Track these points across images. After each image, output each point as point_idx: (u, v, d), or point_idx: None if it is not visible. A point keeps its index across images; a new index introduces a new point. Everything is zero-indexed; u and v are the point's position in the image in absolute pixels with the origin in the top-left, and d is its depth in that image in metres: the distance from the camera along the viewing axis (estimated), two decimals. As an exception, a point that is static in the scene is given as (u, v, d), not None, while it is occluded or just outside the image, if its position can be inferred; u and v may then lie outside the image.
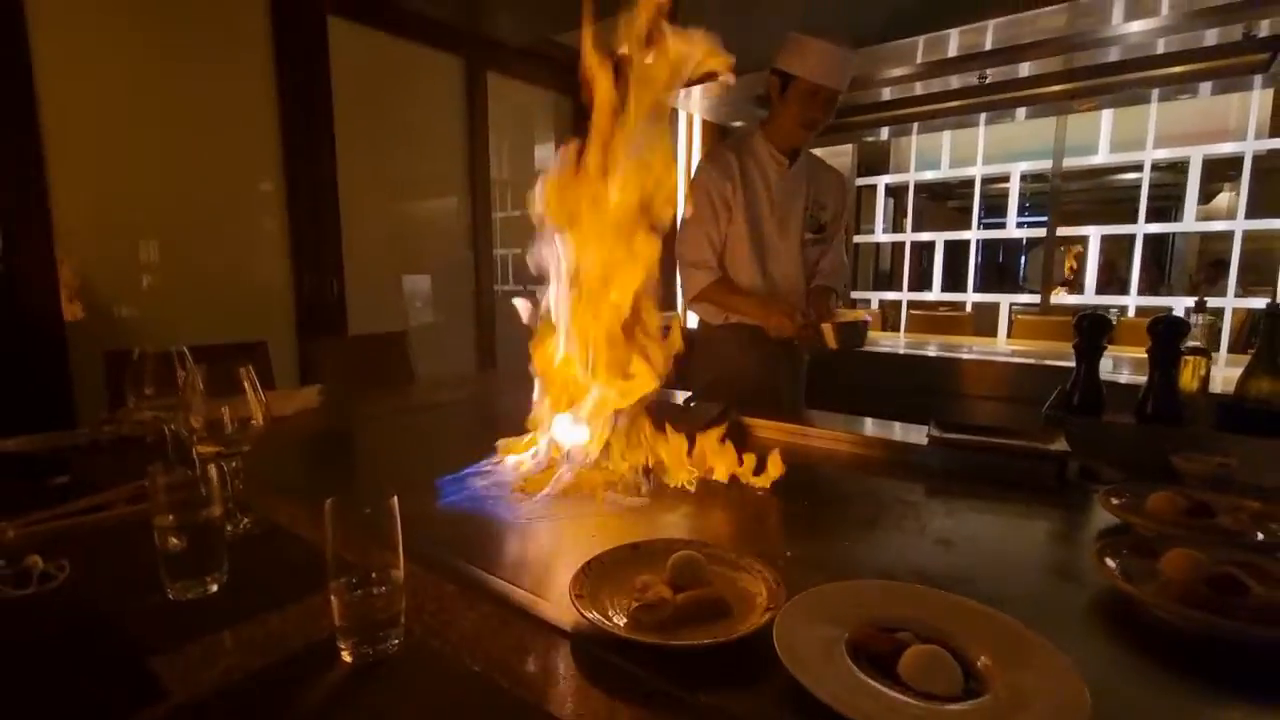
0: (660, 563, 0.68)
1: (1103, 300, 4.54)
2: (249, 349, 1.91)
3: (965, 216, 4.80)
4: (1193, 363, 1.31)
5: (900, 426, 1.37)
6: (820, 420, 1.46)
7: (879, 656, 0.54)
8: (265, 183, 2.65)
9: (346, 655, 0.58)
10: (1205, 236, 5.63)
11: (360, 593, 0.59)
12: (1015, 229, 4.56)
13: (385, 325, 2.82)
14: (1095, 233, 4.08)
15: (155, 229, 2.37)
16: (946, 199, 7.37)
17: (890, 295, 4.89)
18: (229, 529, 0.81)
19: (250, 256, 2.65)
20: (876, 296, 5.00)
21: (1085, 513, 0.98)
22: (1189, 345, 1.30)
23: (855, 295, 5.11)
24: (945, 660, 0.52)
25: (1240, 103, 3.91)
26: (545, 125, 3.84)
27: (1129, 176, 5.54)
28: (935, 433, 1.20)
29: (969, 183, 4.59)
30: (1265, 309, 1.26)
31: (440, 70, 3.26)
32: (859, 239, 5.16)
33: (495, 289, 3.64)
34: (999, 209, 4.65)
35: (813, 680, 0.50)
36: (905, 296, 4.76)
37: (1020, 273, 8.03)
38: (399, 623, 0.60)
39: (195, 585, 0.69)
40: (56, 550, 0.76)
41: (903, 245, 4.85)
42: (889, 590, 0.67)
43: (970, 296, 4.57)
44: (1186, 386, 1.30)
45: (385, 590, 0.59)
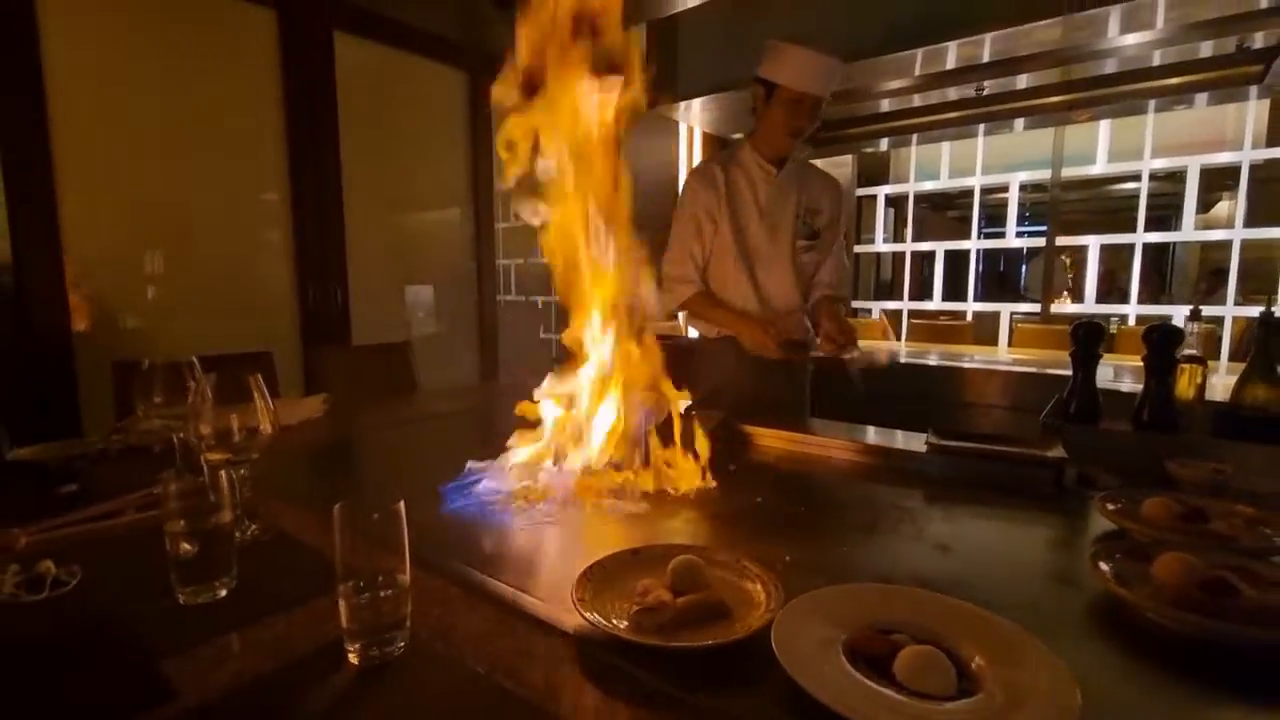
0: (661, 567, 0.70)
1: (1103, 309, 4.55)
2: (255, 359, 1.94)
3: (965, 226, 4.82)
4: (1189, 371, 1.32)
5: (899, 434, 1.38)
6: (819, 428, 1.47)
7: (875, 658, 0.55)
8: (271, 194, 2.68)
9: (354, 657, 0.59)
10: (1205, 245, 5.65)
11: (367, 596, 0.60)
12: (1015, 238, 4.57)
13: (388, 335, 2.84)
14: (1094, 242, 4.10)
15: (162, 240, 2.40)
16: (946, 209, 7.39)
17: (891, 305, 4.90)
18: (237, 535, 0.82)
19: (255, 267, 2.68)
20: (877, 306, 5.01)
21: (1082, 518, 0.99)
22: (1185, 354, 1.31)
23: (856, 305, 5.13)
24: (940, 661, 0.53)
25: (1237, 113, 3.94)
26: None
27: (1128, 186, 5.56)
28: (934, 440, 1.21)
29: (968, 193, 4.62)
30: (1259, 317, 1.27)
31: (444, 83, 3.30)
32: (859, 249, 5.19)
33: (498, 299, 3.66)
34: (999, 219, 4.67)
35: (810, 681, 0.51)
36: (906, 306, 4.77)
37: (1021, 282, 8.05)
38: (405, 626, 0.61)
39: (205, 590, 0.70)
40: (68, 556, 0.78)
41: (903, 255, 4.87)
42: (885, 593, 0.68)
43: (971, 306, 4.58)
44: (1183, 394, 1.31)
45: (392, 594, 0.61)
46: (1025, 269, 7.96)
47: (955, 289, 4.76)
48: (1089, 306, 4.30)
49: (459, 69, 3.32)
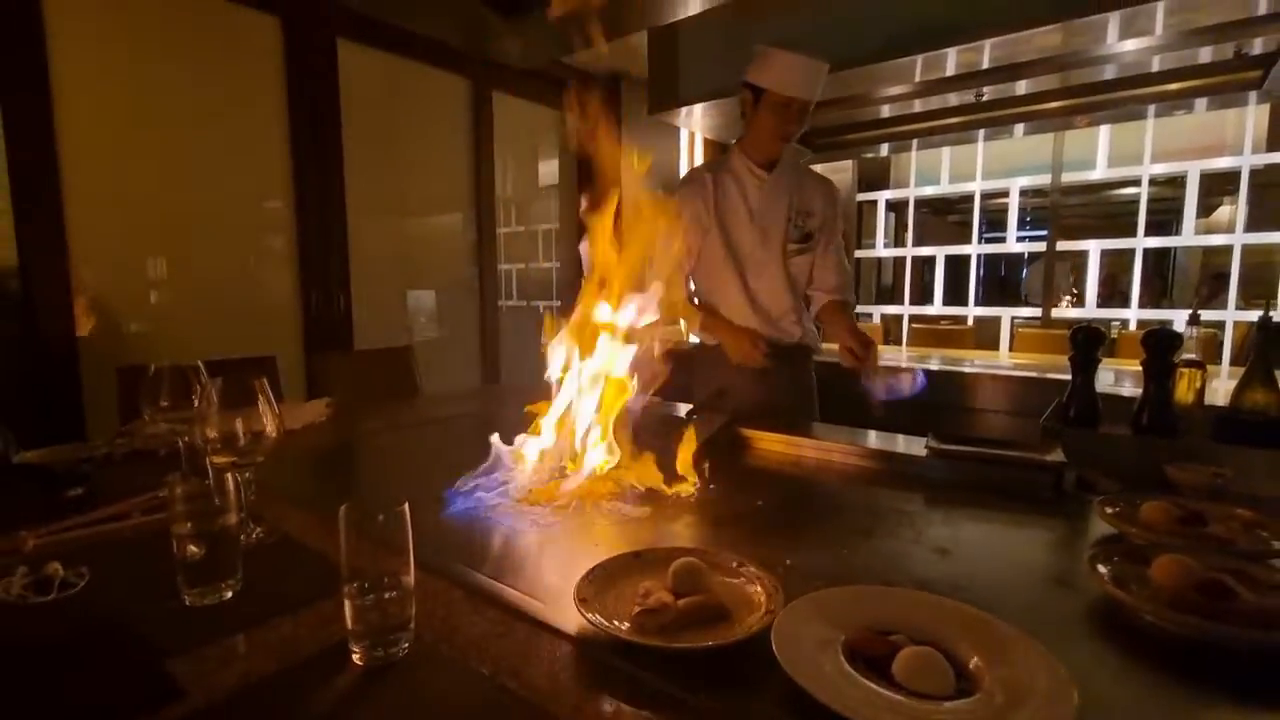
0: (662, 570, 0.70)
1: (1104, 314, 4.55)
2: (259, 363, 1.95)
3: (966, 231, 4.82)
4: (1188, 375, 1.33)
5: (900, 438, 1.39)
6: (820, 432, 1.47)
7: (874, 658, 0.56)
8: (274, 200, 2.70)
9: (358, 658, 0.60)
10: (1207, 250, 5.65)
11: (372, 597, 0.61)
12: (1015, 243, 4.58)
13: (391, 340, 2.86)
14: (1095, 247, 4.10)
15: (166, 246, 2.41)
16: (947, 214, 7.41)
17: (892, 309, 4.91)
18: (242, 538, 0.83)
19: (259, 273, 2.70)
20: (878, 310, 5.02)
21: (1081, 522, 1.00)
22: (1184, 358, 1.31)
23: (857, 309, 5.13)
24: (938, 661, 0.54)
25: (1236, 118, 3.94)
26: (549, 142, 3.90)
27: (1128, 191, 5.57)
28: (934, 444, 1.22)
29: (969, 198, 4.63)
30: (1258, 322, 1.28)
31: (446, 90, 3.33)
32: (860, 253, 5.19)
33: (500, 304, 3.67)
34: (999, 223, 4.68)
35: (809, 681, 0.52)
36: (907, 310, 4.77)
37: (1020, 287, 8.05)
38: (409, 627, 0.62)
39: (211, 592, 0.71)
40: (76, 558, 0.79)
41: (904, 260, 4.88)
42: (884, 595, 0.68)
43: (972, 310, 4.58)
44: (1182, 399, 1.31)
45: (396, 595, 0.61)
46: (1026, 272, 7.96)
47: (956, 293, 4.76)
48: (1090, 311, 4.30)
49: (461, 75, 3.34)
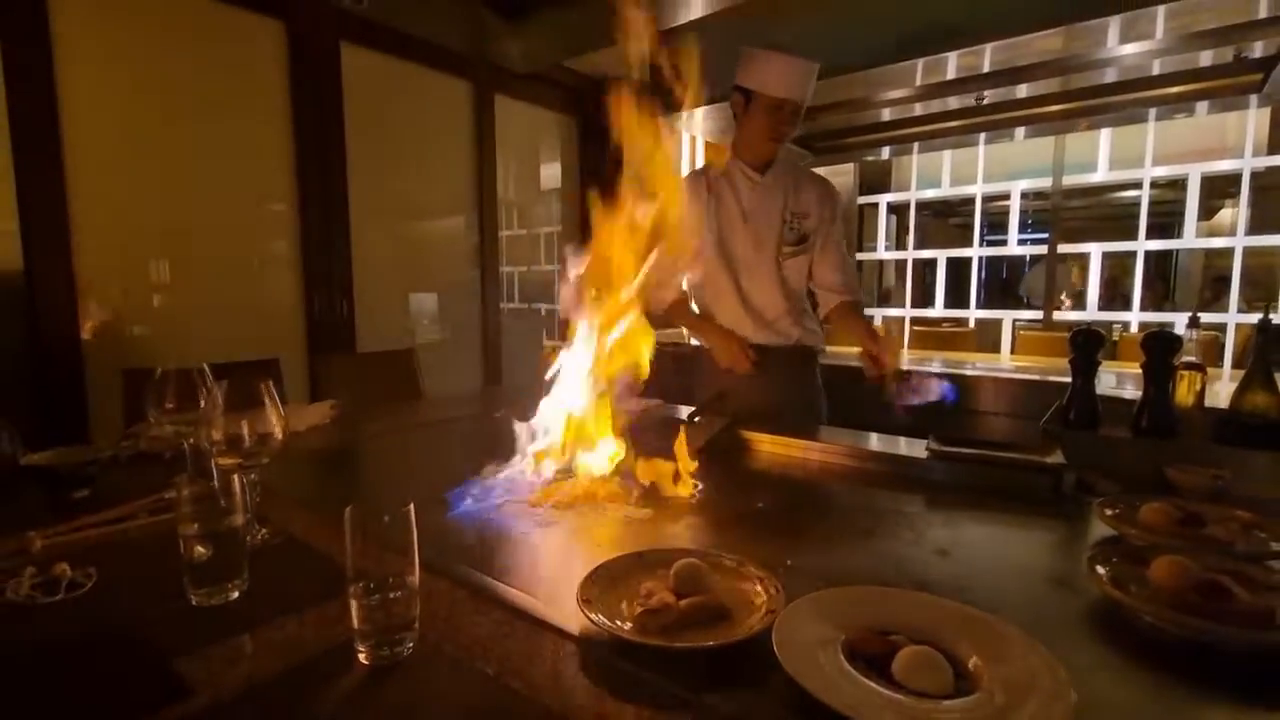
0: (664, 570, 0.71)
1: (1106, 316, 4.55)
2: (264, 366, 1.95)
3: (967, 233, 4.82)
4: (1188, 378, 1.33)
5: (901, 440, 1.39)
6: (820, 435, 1.48)
7: (873, 657, 0.56)
8: (278, 203, 2.71)
9: (364, 657, 0.60)
10: (1209, 252, 5.64)
11: (378, 597, 0.61)
12: (1017, 246, 4.59)
13: (393, 343, 2.87)
14: (1096, 249, 4.11)
15: (170, 249, 2.42)
16: (948, 216, 7.42)
17: (894, 312, 4.91)
18: (247, 539, 0.83)
19: (262, 276, 2.71)
20: (880, 313, 5.02)
21: (1081, 523, 1.00)
22: (1184, 360, 1.32)
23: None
24: (937, 660, 0.54)
25: (1237, 121, 3.95)
26: (551, 145, 3.92)
27: (1129, 194, 5.57)
28: (934, 446, 1.23)
29: (970, 200, 4.64)
30: (1258, 324, 1.28)
31: (449, 93, 3.34)
32: (862, 256, 5.20)
33: (501, 306, 3.68)
34: (1001, 226, 4.68)
35: (809, 679, 0.52)
36: (908, 313, 4.78)
37: (1020, 289, 8.03)
38: (414, 627, 0.63)
39: (217, 592, 0.72)
40: (83, 559, 0.79)
41: (905, 262, 4.89)
42: (884, 595, 0.69)
43: (973, 313, 4.58)
44: (1182, 401, 1.32)
45: (401, 595, 0.62)
46: (1027, 272, 7.94)
47: (958, 296, 4.76)
48: (1092, 314, 4.30)
49: (464, 79, 3.36)
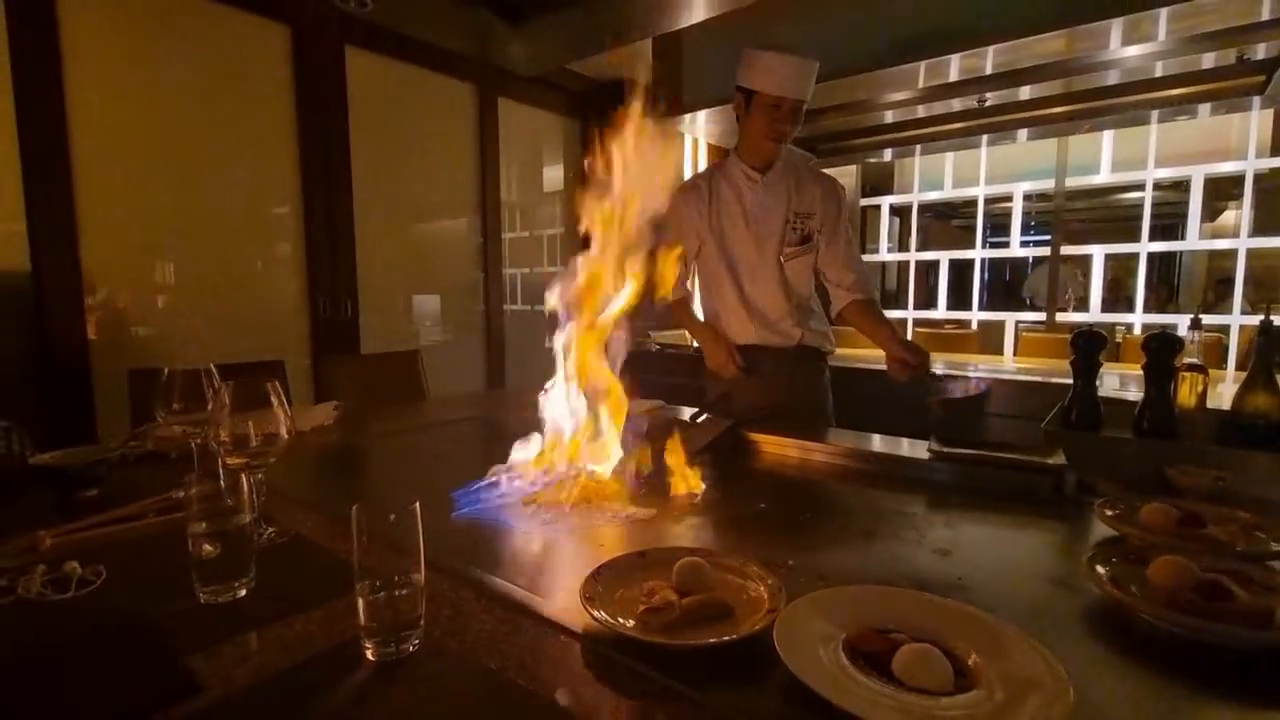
0: (666, 569, 0.71)
1: (1108, 318, 4.54)
2: (269, 367, 1.97)
3: (970, 235, 4.82)
4: (1190, 379, 1.33)
5: (903, 441, 1.40)
6: (823, 436, 1.48)
7: (874, 655, 0.57)
8: (283, 207, 2.73)
9: (370, 654, 0.61)
10: (1213, 254, 5.63)
11: (384, 595, 0.62)
12: (1019, 248, 4.58)
13: (397, 344, 2.88)
14: (1099, 251, 4.10)
15: (176, 251, 2.44)
16: (951, 218, 7.40)
17: (896, 313, 4.91)
18: (254, 538, 0.84)
19: (267, 278, 2.72)
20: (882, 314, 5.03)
21: (1082, 524, 1.00)
22: (1186, 362, 1.32)
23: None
24: (936, 657, 0.55)
25: (1240, 122, 3.94)
26: (554, 148, 3.93)
27: (1132, 195, 5.56)
28: (936, 447, 1.23)
29: (973, 202, 4.63)
30: (1259, 325, 1.28)
31: (453, 97, 3.36)
32: (865, 258, 5.20)
33: (504, 308, 3.70)
34: (1003, 227, 4.68)
35: (810, 676, 0.53)
36: (911, 315, 4.78)
37: (1022, 290, 8.01)
38: (419, 624, 0.63)
39: (225, 590, 0.73)
40: (92, 557, 0.80)
41: (908, 264, 4.89)
42: (884, 594, 0.69)
43: (976, 314, 4.58)
44: (1184, 403, 1.32)
45: (407, 592, 0.63)
46: (1030, 273, 7.91)
47: (960, 298, 4.76)
48: (1094, 315, 4.29)
49: (467, 82, 3.37)
